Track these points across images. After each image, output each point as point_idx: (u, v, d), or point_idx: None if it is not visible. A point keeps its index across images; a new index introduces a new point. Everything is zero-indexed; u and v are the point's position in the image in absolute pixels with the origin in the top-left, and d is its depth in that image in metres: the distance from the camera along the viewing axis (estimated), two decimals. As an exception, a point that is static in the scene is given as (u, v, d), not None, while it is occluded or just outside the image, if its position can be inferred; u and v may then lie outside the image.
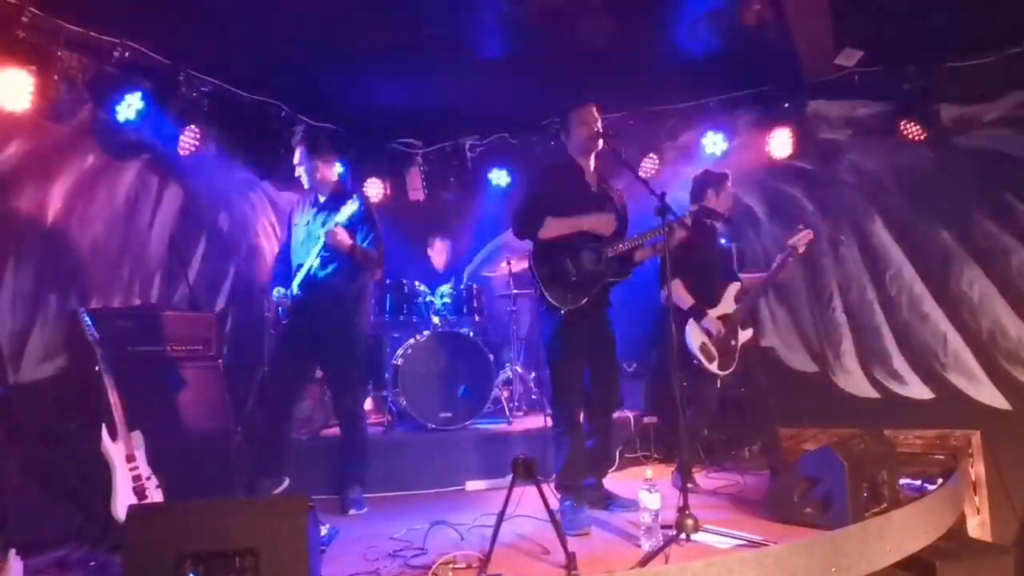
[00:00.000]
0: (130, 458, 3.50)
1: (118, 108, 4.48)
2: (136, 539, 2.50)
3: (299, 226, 4.31)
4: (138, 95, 4.54)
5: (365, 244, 4.19)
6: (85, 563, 3.15)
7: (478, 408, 5.26)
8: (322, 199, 4.32)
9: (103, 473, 3.42)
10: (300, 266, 4.16)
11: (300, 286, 4.11)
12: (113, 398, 3.52)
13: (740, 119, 5.94)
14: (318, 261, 4.10)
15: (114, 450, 3.46)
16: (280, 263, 4.49)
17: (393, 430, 5.33)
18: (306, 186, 4.36)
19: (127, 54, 4.53)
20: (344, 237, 4.05)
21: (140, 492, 3.44)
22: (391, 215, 6.76)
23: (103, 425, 3.48)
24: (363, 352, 4.53)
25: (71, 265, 4.49)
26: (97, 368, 3.61)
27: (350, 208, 4.03)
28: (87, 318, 3.70)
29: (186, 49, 4.79)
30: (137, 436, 3.58)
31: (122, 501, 3.32)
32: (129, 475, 3.46)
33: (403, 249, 6.77)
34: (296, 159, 4.36)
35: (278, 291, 4.24)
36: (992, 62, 5.06)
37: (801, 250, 4.39)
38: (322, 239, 4.05)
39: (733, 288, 4.37)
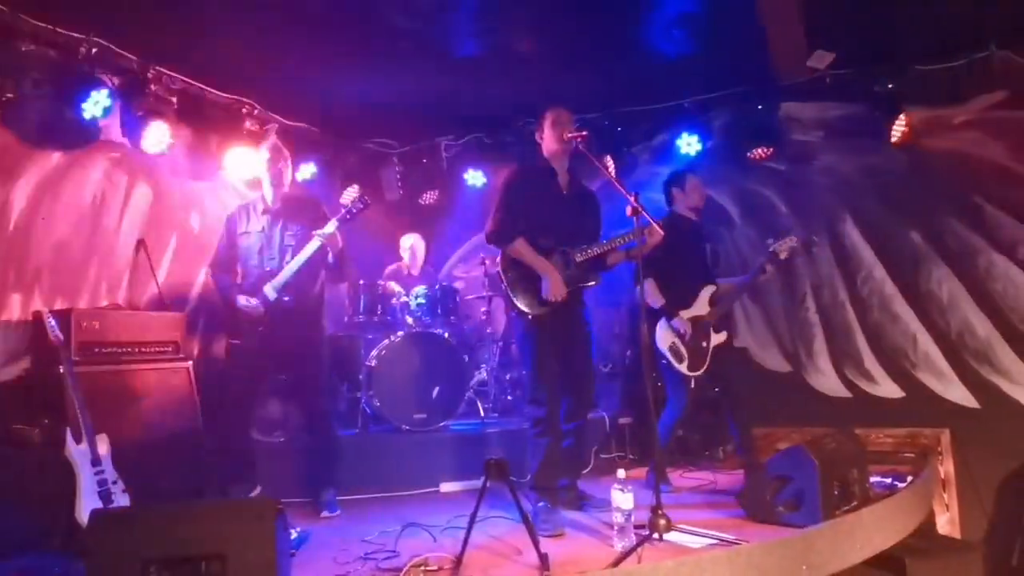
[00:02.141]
0: (95, 462, 3.43)
1: (84, 105, 4.40)
2: (100, 545, 2.44)
3: (250, 234, 4.15)
4: (105, 92, 4.45)
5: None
6: (48, 570, 3.08)
7: (452, 409, 5.23)
8: (274, 205, 4.19)
9: (67, 477, 3.36)
10: (272, 272, 4.05)
11: (278, 290, 4.02)
12: (78, 400, 3.45)
13: (714, 120, 5.98)
14: (294, 266, 4.04)
15: (79, 453, 3.39)
16: (222, 272, 4.24)
17: (367, 431, 5.29)
18: (268, 188, 4.20)
19: (94, 50, 4.46)
20: (338, 241, 4.00)
21: (106, 497, 3.38)
22: (366, 215, 6.71)
23: (67, 428, 3.42)
24: (328, 353, 4.50)
25: (35, 265, 4.40)
26: (61, 370, 3.54)
27: (333, 224, 3.97)
28: (51, 319, 3.62)
29: (156, 46, 4.71)
30: (103, 439, 3.51)
31: (87, 506, 3.26)
32: (94, 479, 3.39)
33: (378, 249, 6.73)
34: (262, 160, 4.21)
35: (247, 300, 4.00)
36: (960, 66, 5.13)
37: (783, 256, 4.39)
38: (315, 243, 3.95)
39: (708, 290, 4.39)
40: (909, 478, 4.01)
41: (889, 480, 4.02)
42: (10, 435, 3.65)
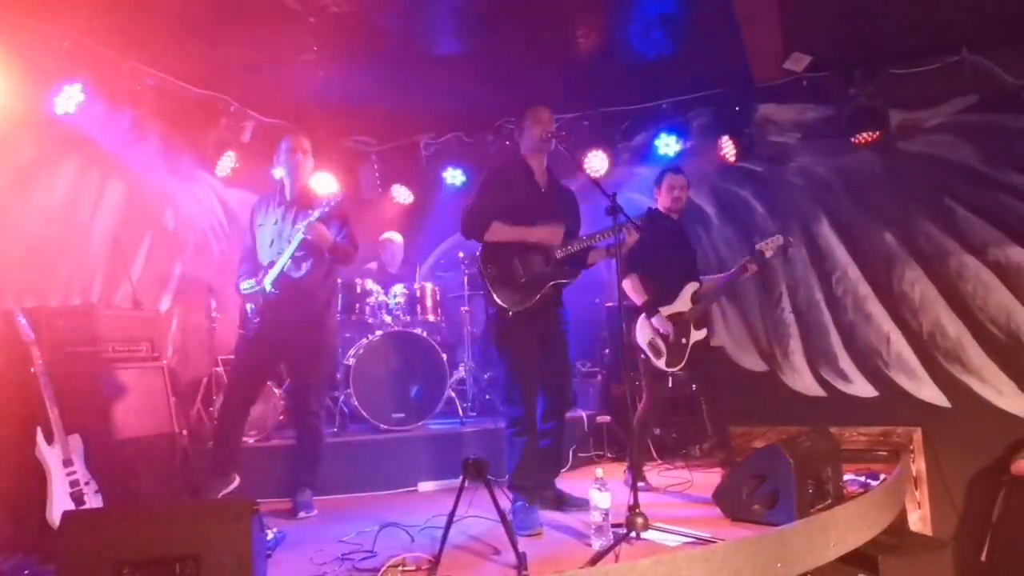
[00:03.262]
0: (67, 463, 3.39)
1: (56, 100, 4.34)
2: (71, 547, 2.40)
3: (265, 226, 4.15)
4: (78, 87, 4.39)
5: (339, 239, 4.15)
6: (19, 572, 3.03)
7: (431, 408, 5.22)
8: (289, 197, 4.18)
9: (38, 478, 3.31)
10: (271, 264, 4.02)
11: (273, 284, 3.98)
12: (49, 400, 3.41)
13: (693, 121, 6.03)
14: (291, 260, 4.00)
15: (50, 454, 3.35)
16: (245, 263, 4.25)
17: (344, 431, 5.26)
18: (287, 182, 4.18)
19: (67, 44, 4.38)
20: (325, 232, 3.99)
21: (78, 498, 3.34)
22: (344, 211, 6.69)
23: (39, 428, 3.36)
24: (331, 353, 4.46)
25: (5, 263, 4.31)
26: (33, 369, 3.48)
27: (314, 216, 3.94)
28: (22, 318, 3.57)
29: (131, 41, 4.64)
30: (75, 440, 3.47)
31: (58, 507, 3.21)
32: (66, 480, 3.35)
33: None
34: (282, 151, 4.18)
35: (248, 284, 4.03)
36: (934, 69, 5.22)
37: (769, 256, 4.43)
38: (299, 236, 3.93)
39: (690, 288, 4.40)
40: (882, 476, 4.06)
41: (863, 478, 4.07)
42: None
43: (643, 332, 4.30)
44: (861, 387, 5.62)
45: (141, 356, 4.35)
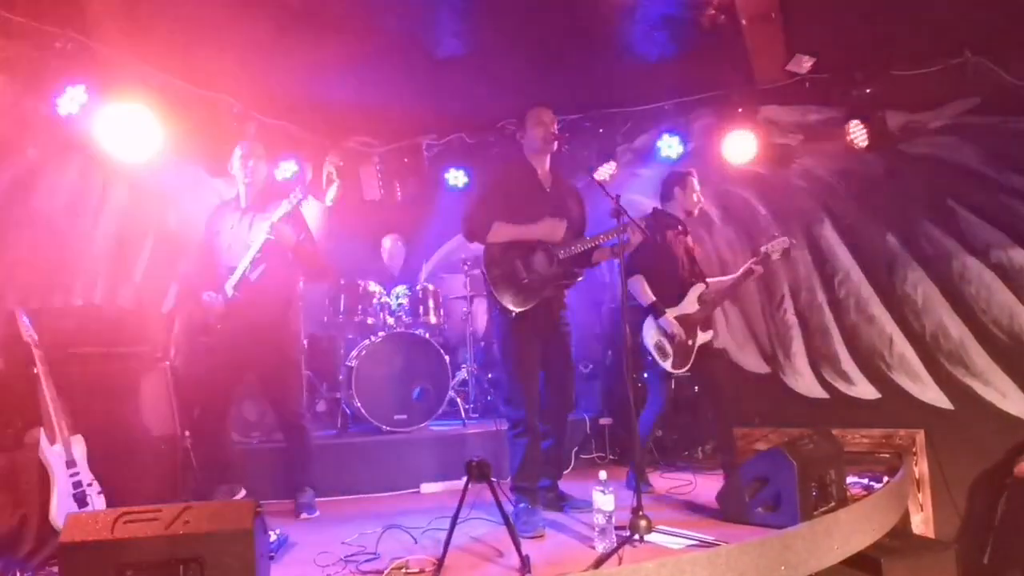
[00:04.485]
0: (70, 464, 3.38)
1: (60, 101, 4.33)
2: (75, 548, 2.40)
3: (223, 231, 4.14)
4: (81, 88, 4.39)
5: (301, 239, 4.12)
6: (21, 574, 3.02)
7: (433, 410, 5.22)
8: (245, 203, 4.17)
9: (41, 479, 3.30)
10: (231, 268, 4.01)
11: (235, 288, 3.98)
12: (52, 401, 3.40)
13: (695, 122, 6.02)
14: (251, 263, 3.99)
15: (53, 455, 3.34)
16: (199, 270, 4.24)
17: (347, 432, 5.26)
18: (243, 188, 4.17)
19: (70, 45, 4.37)
20: (288, 232, 3.97)
21: (81, 499, 3.33)
22: (346, 215, 6.69)
23: (42, 429, 3.36)
24: (299, 353, 4.46)
25: (9, 263, 4.31)
26: (36, 370, 3.48)
27: (284, 207, 3.92)
28: (25, 318, 3.56)
29: (134, 42, 4.64)
30: (78, 441, 3.46)
31: (61, 508, 3.21)
32: (69, 481, 3.34)
33: (358, 249, 6.69)
34: (236, 158, 4.17)
35: (208, 295, 4.02)
36: (936, 71, 5.20)
37: (775, 257, 4.40)
38: (261, 238, 3.92)
39: (697, 289, 4.39)
40: (885, 478, 4.06)
41: (865, 480, 4.07)
42: (-18, 436, 3.58)
43: (650, 334, 4.29)
44: (863, 389, 5.60)
45: (144, 357, 4.34)
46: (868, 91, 5.32)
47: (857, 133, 5.38)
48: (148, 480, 3.98)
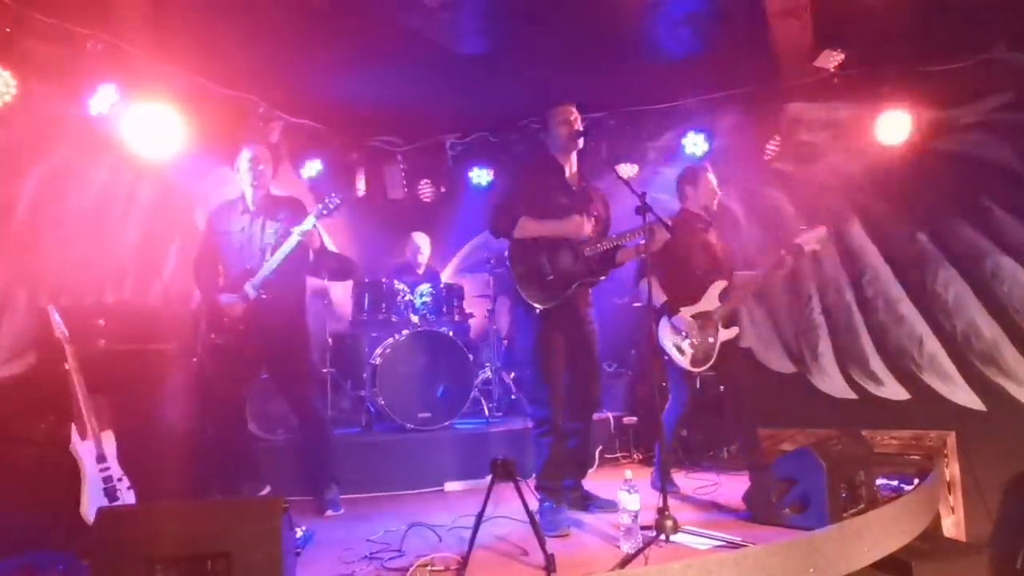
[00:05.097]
0: (101, 459, 3.43)
1: (91, 102, 4.40)
2: (105, 542, 2.44)
3: (231, 233, 4.13)
4: (112, 88, 4.45)
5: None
6: (52, 567, 3.07)
7: (457, 408, 5.22)
8: (253, 206, 4.16)
9: (72, 474, 3.35)
10: (250, 270, 4.02)
11: (257, 288, 4.01)
12: (83, 397, 3.45)
13: (720, 120, 5.96)
14: (273, 263, 4.00)
15: (84, 450, 3.39)
16: (204, 270, 4.19)
17: (371, 430, 5.28)
18: (250, 191, 4.16)
19: (100, 46, 4.44)
20: (317, 236, 4.04)
21: (111, 494, 3.38)
22: (370, 213, 6.73)
23: (73, 424, 3.41)
24: (313, 350, 4.54)
25: (41, 261, 4.39)
26: (67, 366, 3.53)
27: (316, 213, 3.98)
28: (56, 315, 3.62)
29: (163, 42, 4.70)
30: (108, 436, 3.51)
31: (92, 503, 3.26)
32: (100, 476, 3.39)
33: (382, 248, 6.73)
34: (244, 160, 4.15)
35: (229, 297, 4.00)
36: (968, 67, 5.10)
37: (809, 248, 4.20)
38: (294, 240, 3.93)
39: (718, 286, 4.33)
40: (915, 481, 3.99)
41: (895, 482, 4.00)
42: (15, 431, 3.64)
43: (665, 333, 4.26)
44: (893, 390, 5.52)
45: (172, 353, 4.39)
46: (898, 87, 5.23)
47: (887, 130, 5.29)
48: (175, 476, 4.02)
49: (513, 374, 6.07)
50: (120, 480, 3.46)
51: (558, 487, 3.67)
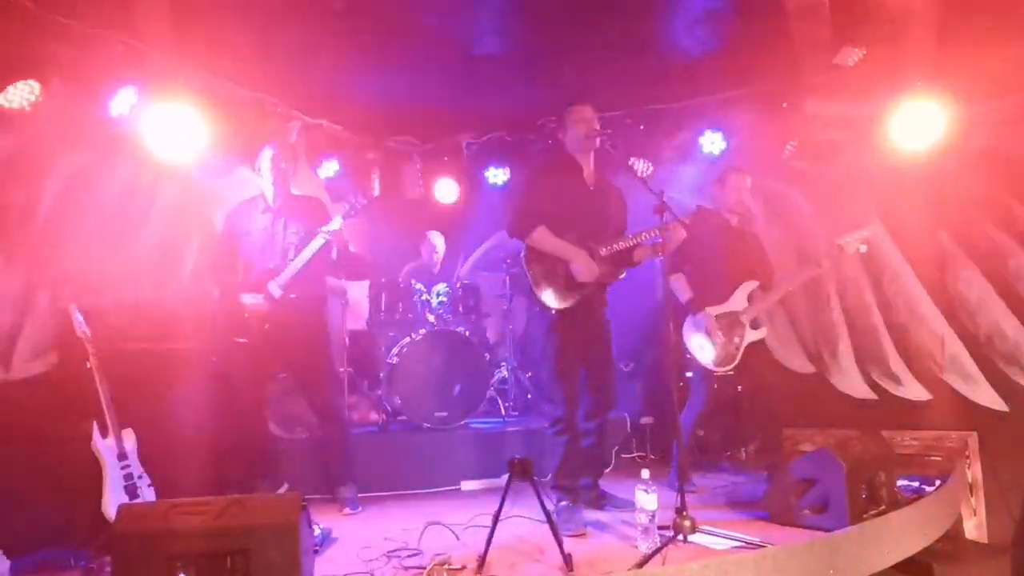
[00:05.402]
0: (122, 456, 3.47)
1: (112, 103, 4.44)
2: (126, 539, 2.46)
3: (252, 232, 4.15)
4: (132, 90, 4.49)
5: None
6: (74, 563, 3.11)
7: (474, 407, 5.23)
8: (275, 204, 4.18)
9: (94, 471, 3.39)
10: (269, 270, 4.04)
11: (282, 287, 4.03)
12: (104, 395, 3.49)
13: (738, 118, 5.92)
14: (299, 263, 4.02)
15: (105, 448, 3.43)
16: (224, 270, 4.21)
17: (388, 429, 5.30)
18: (269, 187, 4.18)
19: (121, 48, 4.48)
20: (342, 238, 4.09)
21: (132, 491, 3.42)
22: (387, 213, 6.75)
23: (94, 422, 3.45)
24: (333, 348, 4.56)
25: (63, 262, 4.44)
26: (88, 365, 3.57)
27: (338, 220, 4.00)
28: (78, 315, 3.66)
29: (181, 44, 4.73)
30: (129, 434, 3.54)
31: (113, 500, 3.29)
32: (120, 473, 3.43)
33: (398, 247, 6.74)
34: (266, 159, 4.18)
35: (253, 297, 4.00)
36: (996, 60, 5.00)
37: (853, 250, 4.12)
38: (320, 240, 3.96)
39: (747, 286, 4.30)
40: (937, 482, 3.95)
41: (916, 484, 3.96)
42: (38, 429, 3.68)
43: (689, 331, 4.24)
44: (913, 390, 5.44)
45: (192, 352, 4.43)
46: (919, 84, 5.16)
47: (908, 127, 5.22)
48: (194, 474, 4.05)
49: (530, 373, 6.06)
50: (141, 477, 3.49)
51: (575, 486, 3.66)
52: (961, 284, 5.29)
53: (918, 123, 5.17)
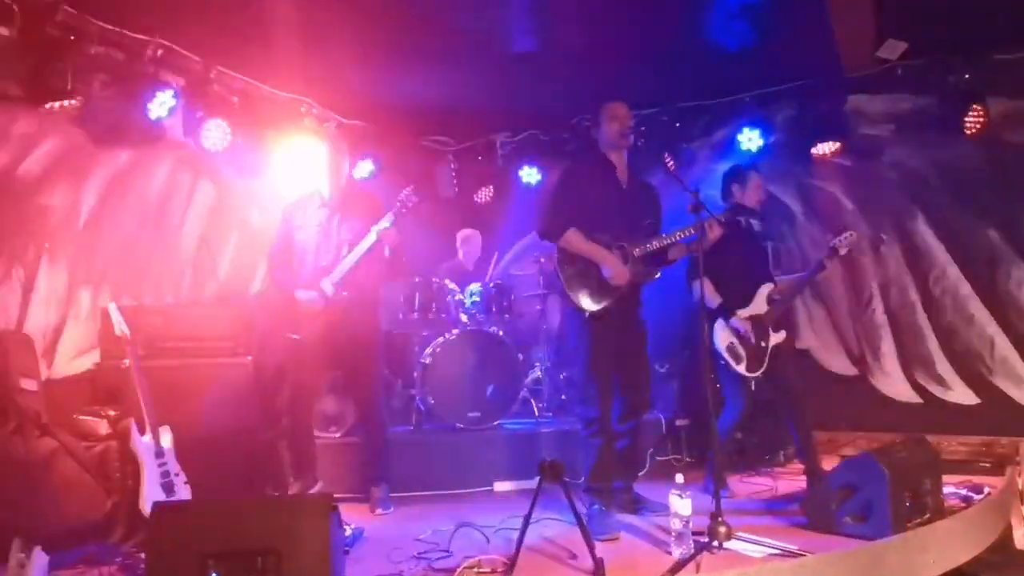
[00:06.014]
0: (159, 454, 3.51)
1: (150, 106, 4.51)
2: (160, 536, 2.48)
3: (306, 228, 4.14)
4: (170, 93, 4.57)
5: None
6: (111, 559, 3.16)
7: (506, 408, 5.20)
8: (331, 199, 4.18)
9: (132, 468, 3.45)
10: (322, 267, 4.04)
11: (335, 285, 4.03)
12: (143, 393, 3.54)
13: (777, 115, 5.80)
14: (351, 260, 4.02)
15: (143, 446, 3.48)
16: (281, 265, 4.19)
17: (420, 429, 5.30)
18: (325, 183, 4.18)
19: (159, 52, 4.56)
20: (393, 235, 4.00)
21: (168, 488, 3.45)
22: (420, 211, 6.75)
23: (132, 421, 3.50)
24: (382, 349, 4.54)
25: (103, 262, 4.54)
26: (127, 363, 3.63)
27: (389, 218, 3.97)
28: (118, 314, 3.72)
29: (217, 47, 4.81)
30: (166, 432, 3.59)
31: (150, 497, 3.33)
32: (158, 471, 3.47)
33: (432, 247, 6.75)
34: (321, 155, 4.21)
35: (307, 293, 3.98)
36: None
37: (843, 252, 4.24)
38: (371, 238, 3.94)
39: (766, 289, 4.25)
40: (986, 489, 3.81)
41: (964, 491, 3.83)
42: (78, 426, 3.76)
43: (721, 336, 4.17)
44: (961, 394, 5.28)
45: (228, 351, 4.47)
46: (967, 76, 5.00)
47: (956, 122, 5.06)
48: (231, 472, 4.10)
49: (563, 374, 6.02)
50: (177, 475, 3.53)
51: (608, 489, 3.61)
52: (1012, 283, 5.10)
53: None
